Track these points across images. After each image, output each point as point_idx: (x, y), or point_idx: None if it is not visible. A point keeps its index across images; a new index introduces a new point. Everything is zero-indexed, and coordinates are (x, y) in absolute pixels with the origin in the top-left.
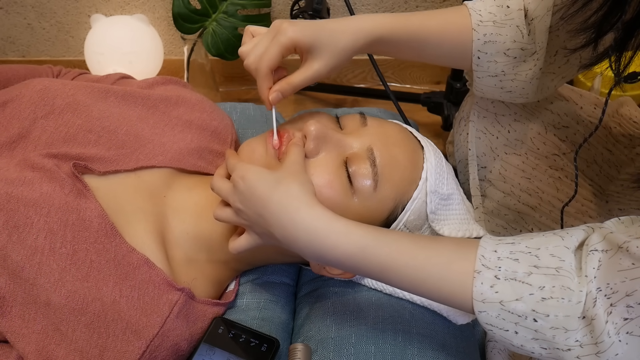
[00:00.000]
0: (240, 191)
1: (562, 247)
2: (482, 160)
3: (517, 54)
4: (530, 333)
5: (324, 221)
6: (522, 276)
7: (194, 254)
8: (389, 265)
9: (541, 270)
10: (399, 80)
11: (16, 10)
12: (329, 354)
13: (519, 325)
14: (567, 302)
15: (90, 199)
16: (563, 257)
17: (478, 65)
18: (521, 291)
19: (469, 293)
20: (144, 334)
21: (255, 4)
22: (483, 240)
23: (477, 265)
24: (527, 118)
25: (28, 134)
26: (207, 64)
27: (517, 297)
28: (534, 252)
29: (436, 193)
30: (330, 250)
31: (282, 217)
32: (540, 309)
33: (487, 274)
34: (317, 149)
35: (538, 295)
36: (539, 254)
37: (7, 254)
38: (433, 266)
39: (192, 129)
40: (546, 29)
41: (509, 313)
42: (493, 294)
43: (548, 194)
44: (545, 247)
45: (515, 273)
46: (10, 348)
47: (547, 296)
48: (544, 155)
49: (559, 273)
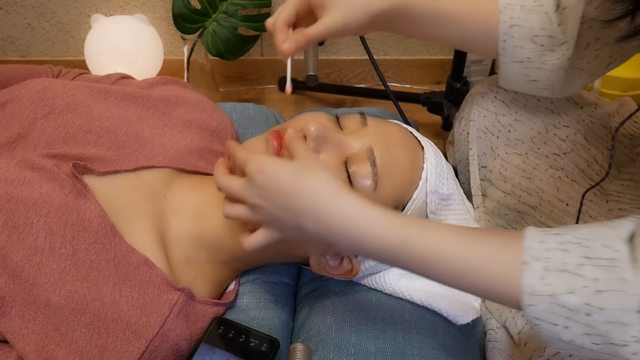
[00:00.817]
0: (259, 185)
1: (614, 238)
2: (482, 160)
3: (545, 41)
4: (582, 328)
5: (362, 209)
6: (573, 267)
7: (194, 254)
8: (432, 258)
9: (594, 262)
10: (399, 80)
11: (16, 10)
12: (329, 354)
13: (570, 319)
14: (624, 295)
15: (90, 199)
16: (617, 248)
17: (504, 49)
18: (574, 283)
19: (517, 286)
20: (143, 334)
21: (255, 4)
22: (528, 231)
23: (525, 256)
24: (527, 118)
25: (28, 134)
26: (207, 64)
27: (570, 290)
28: (583, 242)
29: (436, 193)
30: (368, 240)
31: (316, 207)
32: (594, 302)
33: (536, 265)
34: (317, 149)
35: (592, 288)
36: (590, 245)
37: (6, 254)
38: (479, 259)
39: (192, 129)
40: (578, 19)
41: (559, 307)
42: (543, 287)
43: (548, 194)
44: (596, 238)
45: (565, 264)
46: (10, 348)
47: (602, 288)
48: (544, 155)
49: (613, 264)
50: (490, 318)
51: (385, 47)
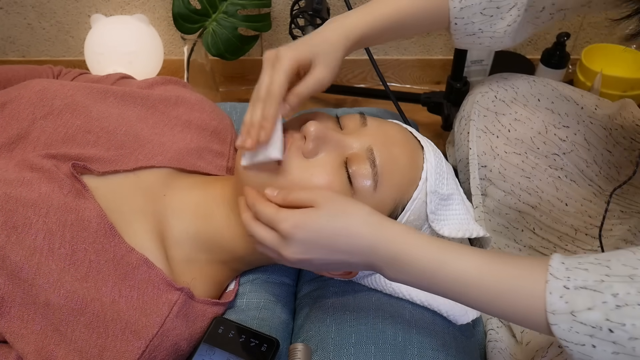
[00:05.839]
0: (301, 241)
1: (635, 259)
2: (482, 159)
3: (494, 12)
4: (609, 346)
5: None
6: (593, 284)
7: (194, 254)
8: (466, 281)
9: (613, 279)
10: (399, 80)
11: (16, 10)
12: (329, 354)
13: (594, 337)
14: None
15: (89, 199)
16: (636, 266)
17: (455, 30)
18: (593, 300)
19: (542, 307)
20: (143, 333)
21: (255, 4)
22: (553, 255)
23: (547, 275)
24: (527, 117)
25: (27, 135)
26: (207, 64)
27: (589, 307)
28: (604, 262)
29: (436, 193)
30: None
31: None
32: (614, 317)
33: (556, 284)
34: (317, 149)
35: (612, 303)
36: (610, 265)
37: (5, 254)
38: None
39: (192, 129)
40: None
41: (581, 324)
42: (563, 304)
43: (547, 193)
44: (617, 259)
45: (585, 282)
46: (9, 348)
47: (621, 303)
48: (543, 154)
49: (632, 280)
50: (491, 318)
51: (385, 47)
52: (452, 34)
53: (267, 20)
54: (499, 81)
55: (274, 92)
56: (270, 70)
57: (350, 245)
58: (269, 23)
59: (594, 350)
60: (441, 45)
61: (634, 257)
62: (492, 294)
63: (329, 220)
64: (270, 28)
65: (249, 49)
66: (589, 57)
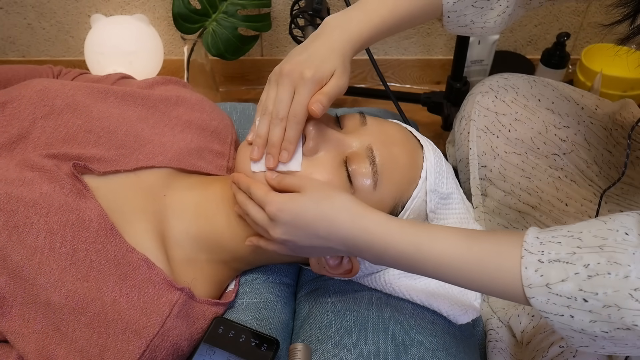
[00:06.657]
0: (284, 222)
1: (606, 229)
2: (482, 159)
3: (484, 4)
4: (586, 315)
5: (380, 224)
6: (565, 257)
7: (194, 254)
8: (444, 260)
9: (584, 250)
10: (399, 80)
11: (16, 10)
12: (329, 354)
13: (571, 308)
14: (614, 277)
15: (90, 199)
16: (606, 236)
17: (448, 22)
18: (566, 271)
19: (518, 281)
20: (144, 333)
21: (255, 4)
22: (528, 230)
23: (522, 251)
24: (528, 117)
25: (28, 135)
26: (207, 64)
27: (563, 278)
28: (576, 235)
29: (436, 192)
30: (388, 251)
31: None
32: (587, 287)
33: (530, 259)
34: (317, 148)
35: (584, 274)
36: (582, 237)
37: (7, 254)
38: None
39: (192, 129)
40: None
41: (557, 296)
42: (538, 278)
43: (547, 194)
44: (588, 230)
45: (558, 255)
46: (10, 348)
47: (592, 273)
48: (544, 155)
49: (602, 250)
50: (491, 318)
51: (385, 47)
52: (444, 25)
53: (267, 20)
54: (499, 81)
55: (298, 114)
56: (290, 87)
57: (329, 231)
58: (269, 23)
59: (573, 320)
60: (441, 45)
61: (605, 227)
62: (470, 272)
63: (310, 206)
64: (270, 28)
65: (249, 49)
66: (589, 57)
